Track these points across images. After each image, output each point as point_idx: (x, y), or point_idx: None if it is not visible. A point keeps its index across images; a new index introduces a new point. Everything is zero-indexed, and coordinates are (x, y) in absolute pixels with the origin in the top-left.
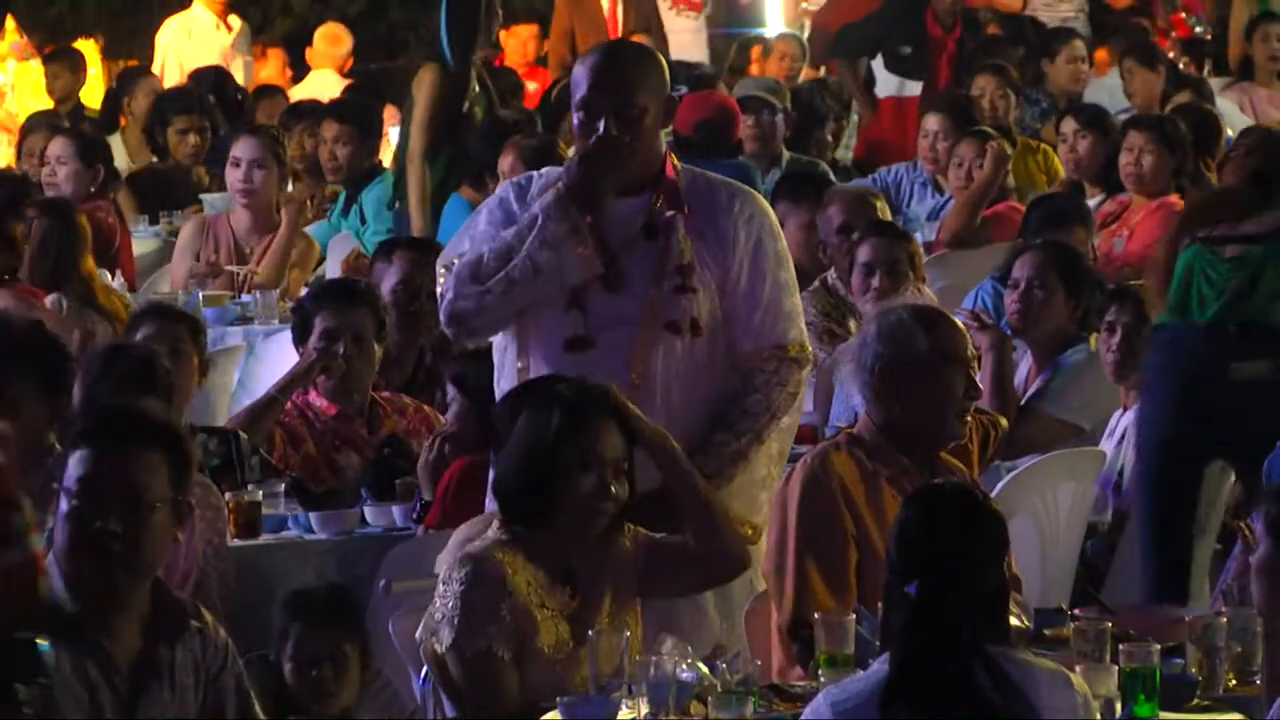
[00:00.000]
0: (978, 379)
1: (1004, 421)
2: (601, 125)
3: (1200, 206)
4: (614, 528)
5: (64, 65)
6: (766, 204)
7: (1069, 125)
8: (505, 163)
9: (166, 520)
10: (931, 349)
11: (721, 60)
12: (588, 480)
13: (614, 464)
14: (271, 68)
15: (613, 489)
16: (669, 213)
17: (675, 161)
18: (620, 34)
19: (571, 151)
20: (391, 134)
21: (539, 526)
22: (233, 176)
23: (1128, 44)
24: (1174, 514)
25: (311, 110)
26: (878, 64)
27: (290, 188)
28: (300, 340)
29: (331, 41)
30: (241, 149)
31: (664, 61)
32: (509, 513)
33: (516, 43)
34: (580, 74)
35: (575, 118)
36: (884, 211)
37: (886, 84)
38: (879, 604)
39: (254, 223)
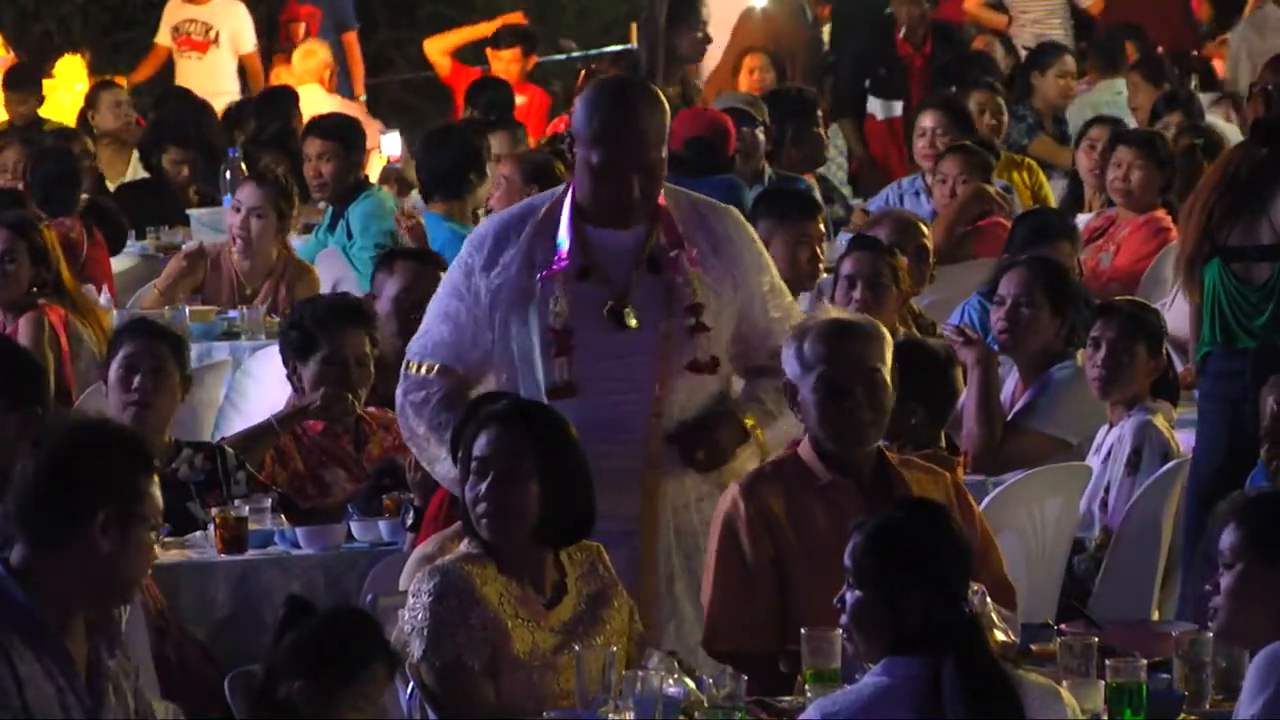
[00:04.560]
0: (963, 394)
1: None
2: (632, 188)
3: (1210, 172)
4: (570, 536)
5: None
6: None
7: (1100, 133)
8: (505, 170)
9: None
10: (815, 365)
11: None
12: (469, 483)
13: (495, 466)
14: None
15: (491, 490)
16: (673, 252)
17: None
18: None
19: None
20: (382, 143)
21: (477, 538)
22: (231, 220)
23: (1137, 59)
24: None
25: (278, 137)
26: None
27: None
28: (298, 357)
29: (305, 55)
30: (244, 195)
31: (664, 98)
32: (465, 527)
33: (501, 64)
34: (598, 128)
35: (593, 164)
36: (927, 237)
37: (872, 105)
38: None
39: (253, 268)
